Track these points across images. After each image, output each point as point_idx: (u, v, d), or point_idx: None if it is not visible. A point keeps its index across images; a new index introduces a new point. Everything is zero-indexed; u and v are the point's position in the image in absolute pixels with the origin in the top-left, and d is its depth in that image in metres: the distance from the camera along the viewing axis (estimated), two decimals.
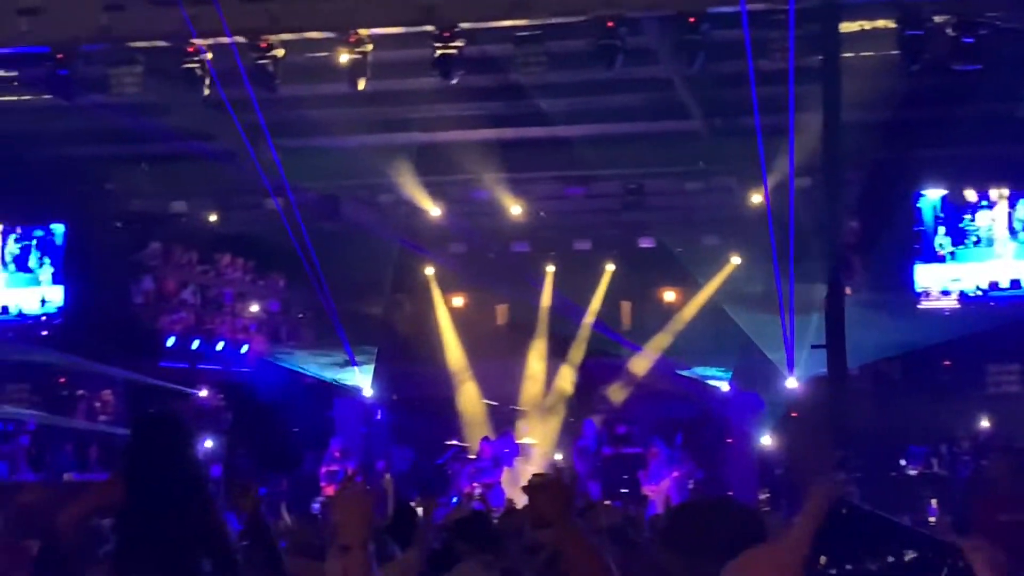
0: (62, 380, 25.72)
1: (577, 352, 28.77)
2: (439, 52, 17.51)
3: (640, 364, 28.29)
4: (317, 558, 11.10)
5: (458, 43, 17.47)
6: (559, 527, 4.35)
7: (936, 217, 24.22)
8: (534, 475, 4.55)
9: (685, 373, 27.23)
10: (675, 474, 24.67)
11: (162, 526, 7.82)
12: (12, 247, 25.73)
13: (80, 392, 25.52)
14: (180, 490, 7.89)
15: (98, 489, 7.99)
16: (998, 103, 20.51)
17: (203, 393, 25.77)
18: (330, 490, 25.01)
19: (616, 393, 28.37)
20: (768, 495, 18.57)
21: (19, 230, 25.72)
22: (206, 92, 18.58)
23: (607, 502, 14.33)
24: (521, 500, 18.42)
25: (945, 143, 21.88)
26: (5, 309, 25.53)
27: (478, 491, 24.29)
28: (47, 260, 25.52)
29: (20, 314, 25.43)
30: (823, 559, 1.71)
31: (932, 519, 15.06)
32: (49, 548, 7.78)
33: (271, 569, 7.70)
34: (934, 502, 16.94)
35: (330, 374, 27.92)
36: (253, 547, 7.76)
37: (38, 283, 25.56)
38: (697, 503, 3.13)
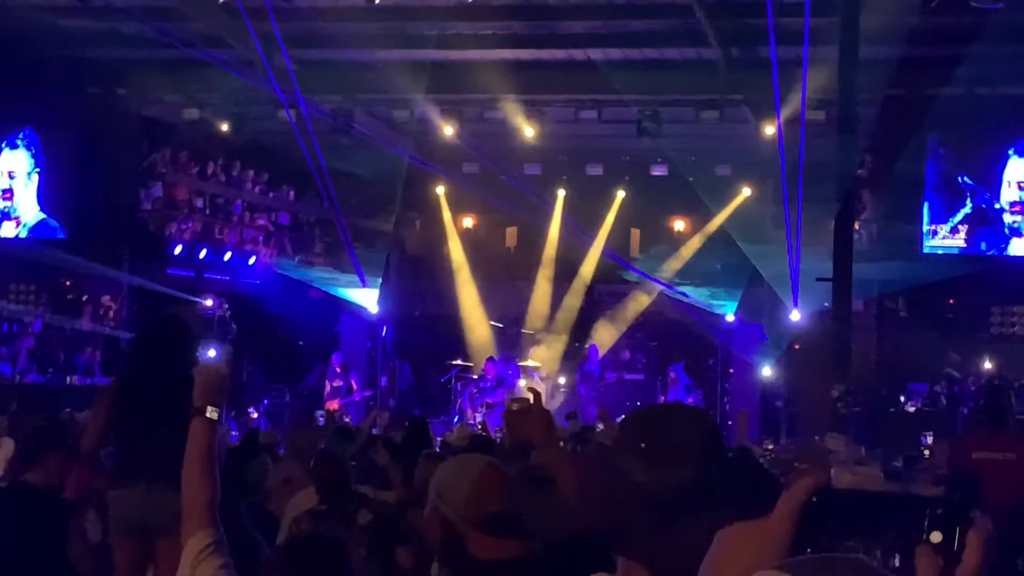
0: (68, 283, 25.76)
1: (585, 277, 28.77)
2: None
3: (647, 291, 28.31)
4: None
5: None
6: (544, 448, 4.38)
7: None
8: (512, 400, 4.57)
9: (691, 302, 27.23)
10: (690, 399, 24.80)
11: (153, 416, 7.90)
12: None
13: (85, 296, 25.57)
14: (177, 387, 7.98)
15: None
16: (1019, 43, 20.29)
17: (208, 302, 25.78)
18: (332, 404, 25.13)
19: (622, 319, 28.39)
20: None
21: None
22: None
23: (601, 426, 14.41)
24: None
25: (961, 82, 21.71)
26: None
27: (479, 418, 24.37)
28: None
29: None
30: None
31: (926, 452, 15.10)
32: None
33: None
34: (929, 437, 16.94)
35: (336, 289, 27.94)
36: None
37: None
38: (648, 408, 3.10)
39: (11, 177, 25.73)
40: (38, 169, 25.62)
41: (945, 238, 24.27)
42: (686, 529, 2.60)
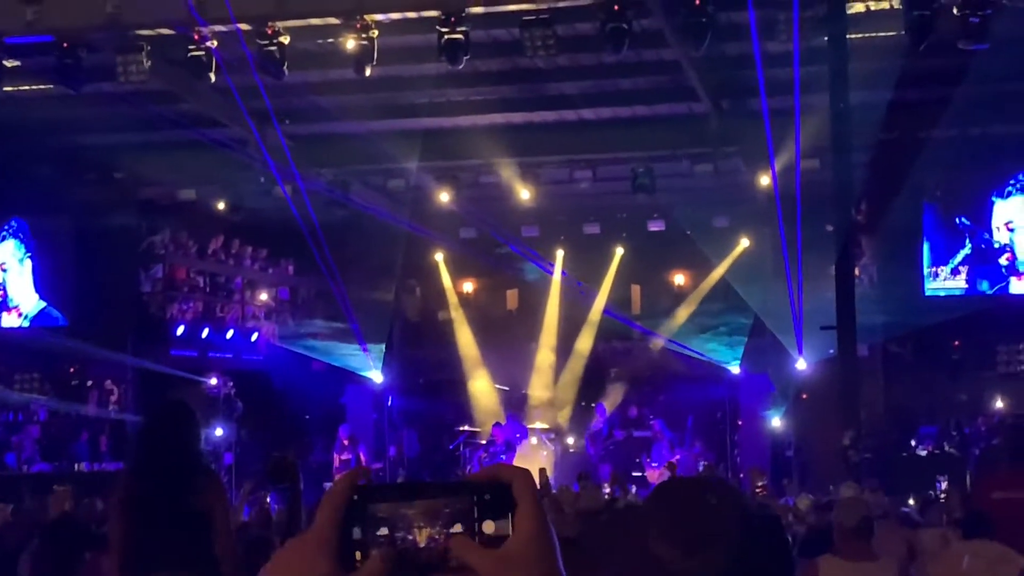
0: (72, 369, 25.74)
1: (588, 336, 28.72)
2: (446, 37, 17.45)
3: (651, 348, 28.27)
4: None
5: (464, 28, 17.42)
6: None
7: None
8: None
9: (696, 356, 27.18)
10: (677, 457, 24.59)
11: (167, 507, 7.88)
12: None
13: (90, 382, 25.54)
14: (186, 473, 7.97)
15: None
16: (1006, 83, 20.33)
17: (213, 381, 25.73)
18: None
19: (627, 377, 28.32)
20: (764, 481, 18.56)
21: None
22: (212, 79, 18.57)
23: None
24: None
25: (952, 124, 21.77)
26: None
27: None
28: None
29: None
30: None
31: (942, 496, 15.03)
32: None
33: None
34: (944, 482, 16.93)
35: (340, 361, 27.89)
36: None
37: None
38: (677, 484, 2.96)
39: (3, 270, 25.81)
40: (29, 254, 25.70)
41: (946, 280, 24.27)
42: None
